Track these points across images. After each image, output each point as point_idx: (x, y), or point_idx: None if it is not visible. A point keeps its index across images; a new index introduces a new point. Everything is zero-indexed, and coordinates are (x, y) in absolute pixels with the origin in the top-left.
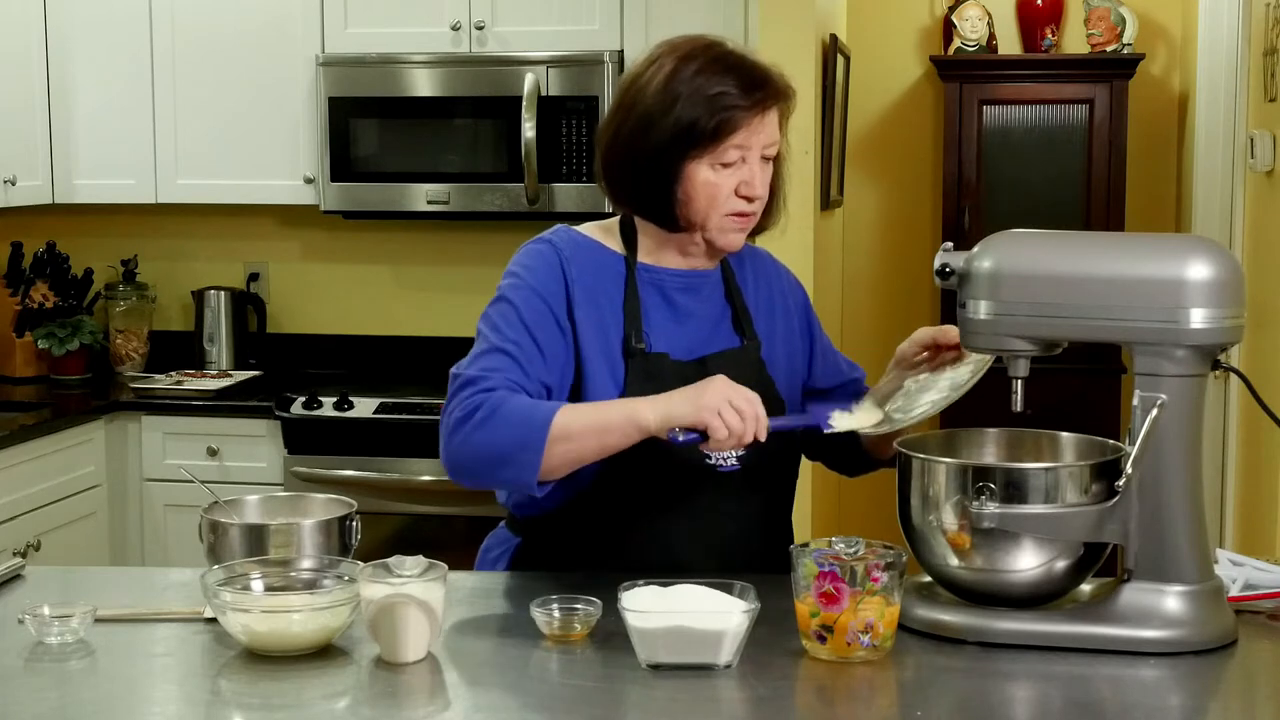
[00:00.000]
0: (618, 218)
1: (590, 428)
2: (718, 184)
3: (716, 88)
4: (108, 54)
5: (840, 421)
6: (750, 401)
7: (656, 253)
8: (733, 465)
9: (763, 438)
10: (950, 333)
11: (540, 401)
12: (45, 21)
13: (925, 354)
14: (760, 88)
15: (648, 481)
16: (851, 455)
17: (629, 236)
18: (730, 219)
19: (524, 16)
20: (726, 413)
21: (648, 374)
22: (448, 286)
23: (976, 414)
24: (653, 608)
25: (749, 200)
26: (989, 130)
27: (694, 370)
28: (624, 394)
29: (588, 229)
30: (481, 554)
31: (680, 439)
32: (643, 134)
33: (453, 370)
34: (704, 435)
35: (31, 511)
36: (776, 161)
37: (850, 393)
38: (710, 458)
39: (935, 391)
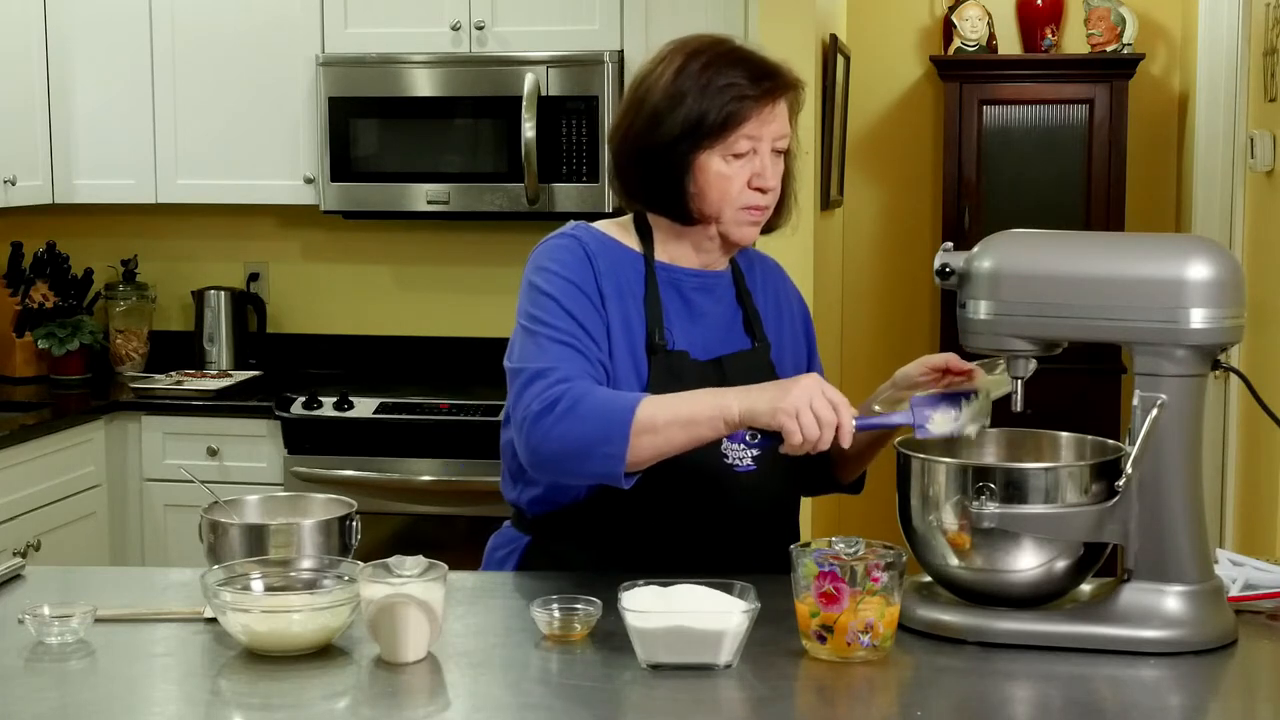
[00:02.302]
0: (631, 216)
1: (676, 420)
2: (730, 176)
3: (725, 79)
4: (108, 54)
5: (939, 426)
6: (834, 406)
7: (671, 250)
8: (749, 466)
9: (845, 443)
10: (961, 362)
11: (621, 392)
12: (45, 21)
13: (933, 376)
14: (769, 78)
15: (663, 481)
16: (816, 474)
17: (644, 234)
18: (744, 212)
19: (524, 16)
20: (805, 416)
21: (670, 371)
22: (448, 286)
23: None
24: (653, 608)
25: (762, 192)
26: (989, 130)
27: (711, 370)
28: (647, 390)
29: (604, 226)
30: (488, 554)
31: (755, 441)
32: (653, 129)
33: (510, 365)
34: (779, 437)
35: (31, 511)
36: (787, 157)
37: None
38: (727, 457)
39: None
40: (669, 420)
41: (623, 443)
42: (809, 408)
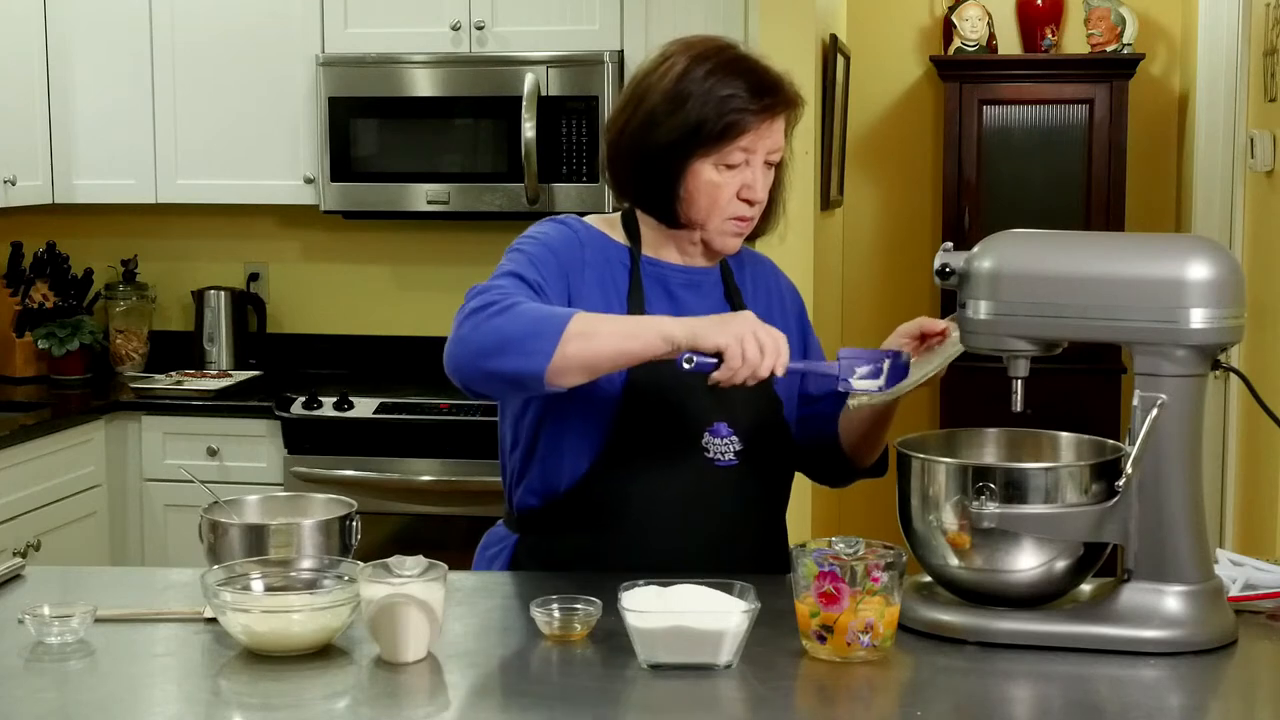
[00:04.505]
0: (619, 212)
1: (614, 330)
2: (720, 185)
3: (727, 90)
4: (108, 54)
5: (861, 384)
6: (774, 338)
7: (657, 248)
8: (730, 460)
9: (780, 373)
10: (934, 322)
11: (560, 307)
12: (45, 21)
13: (912, 344)
14: (771, 93)
15: (643, 475)
16: (832, 463)
17: (631, 230)
18: (730, 222)
19: (524, 16)
20: (748, 342)
21: (650, 366)
22: (448, 286)
23: (976, 414)
24: (653, 608)
25: (750, 204)
26: (989, 130)
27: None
28: (627, 384)
29: (592, 220)
30: (479, 552)
31: (692, 365)
32: (649, 130)
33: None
34: (718, 362)
35: (31, 511)
36: (778, 168)
37: (836, 402)
38: (708, 452)
39: (929, 363)
40: (606, 330)
41: (553, 339)
42: (753, 335)
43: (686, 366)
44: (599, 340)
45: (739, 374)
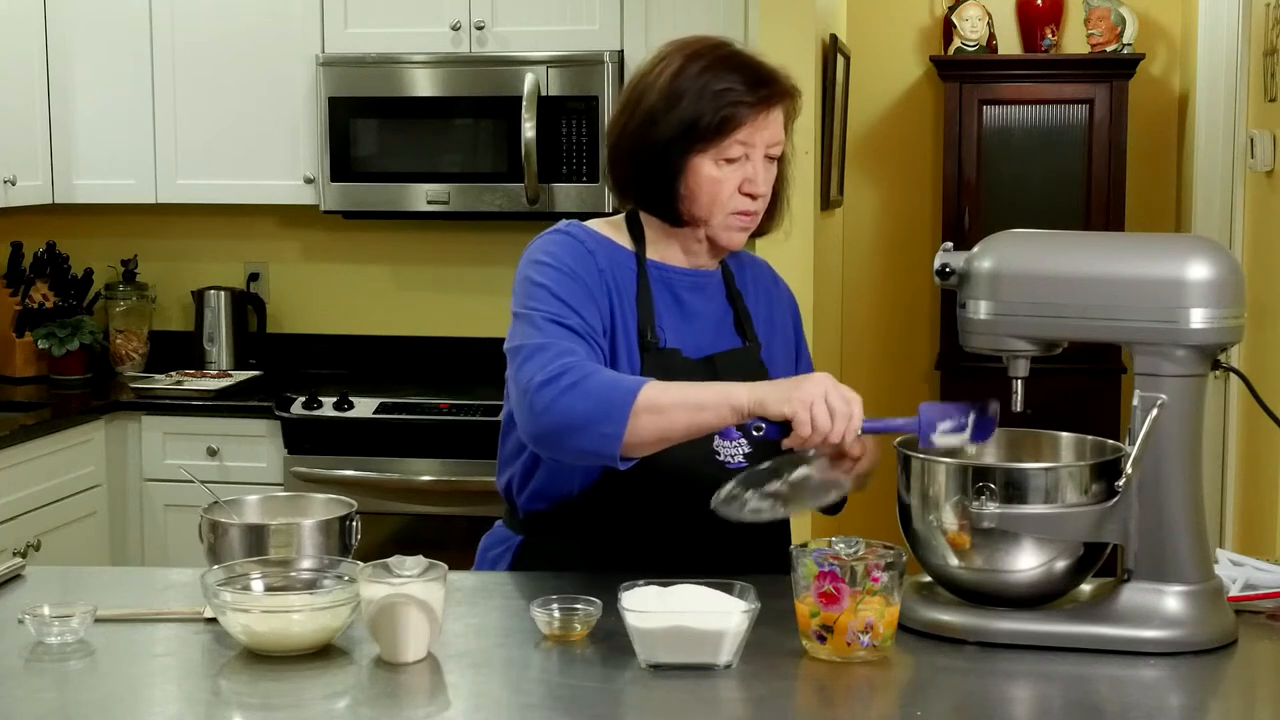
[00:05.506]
0: (623, 215)
1: (681, 403)
2: (721, 180)
3: (722, 84)
4: (108, 54)
5: (944, 438)
6: (847, 401)
7: (662, 250)
8: (740, 463)
9: (850, 439)
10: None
11: (628, 375)
12: (45, 21)
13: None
14: (766, 85)
15: (654, 477)
16: None
17: (636, 233)
18: (734, 217)
19: (524, 16)
20: (817, 407)
21: (661, 369)
22: (448, 286)
23: None
24: (653, 608)
25: (752, 198)
26: (989, 130)
27: (703, 368)
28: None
29: (595, 225)
30: (480, 554)
31: (761, 433)
32: (648, 129)
33: (511, 345)
34: (786, 429)
35: (31, 511)
36: (780, 163)
37: None
38: (719, 454)
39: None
40: (674, 403)
41: (622, 422)
42: (823, 399)
43: (756, 435)
44: (668, 415)
45: (810, 441)
